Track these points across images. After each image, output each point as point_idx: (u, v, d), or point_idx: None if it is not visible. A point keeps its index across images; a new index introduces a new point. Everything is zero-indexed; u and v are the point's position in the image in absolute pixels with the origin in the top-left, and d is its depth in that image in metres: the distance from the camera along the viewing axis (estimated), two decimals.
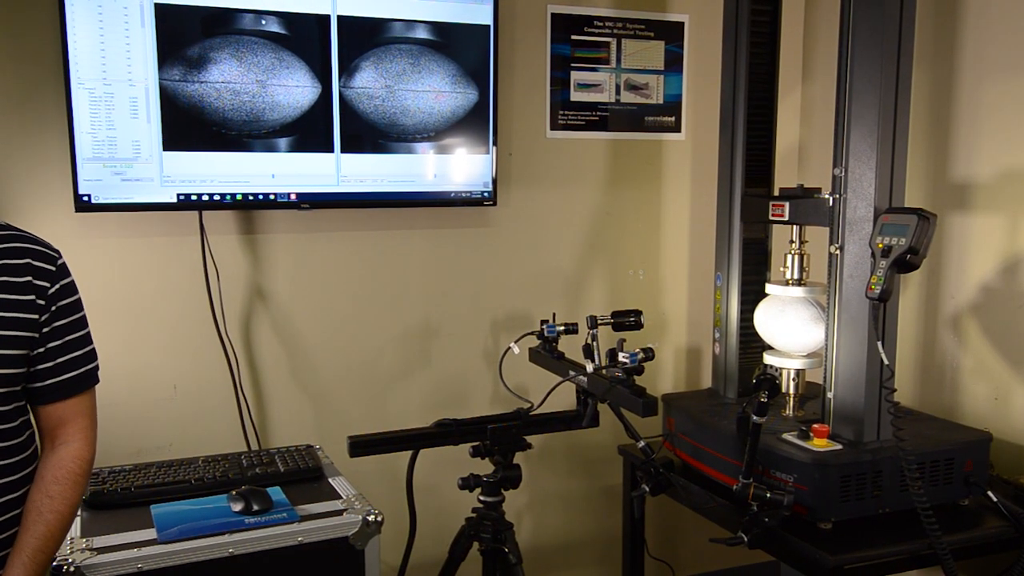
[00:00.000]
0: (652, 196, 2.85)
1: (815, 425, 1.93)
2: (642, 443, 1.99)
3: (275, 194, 2.29)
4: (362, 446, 1.97)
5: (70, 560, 1.57)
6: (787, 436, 1.94)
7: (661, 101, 2.80)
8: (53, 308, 1.43)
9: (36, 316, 1.40)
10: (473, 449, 2.04)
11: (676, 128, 2.84)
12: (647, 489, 2.00)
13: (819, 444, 1.89)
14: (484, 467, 2.06)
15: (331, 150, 2.33)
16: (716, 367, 2.39)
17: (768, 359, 2.17)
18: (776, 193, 2.26)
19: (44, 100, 2.13)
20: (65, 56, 2.05)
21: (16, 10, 2.10)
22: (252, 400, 2.42)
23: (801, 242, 2.13)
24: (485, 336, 2.69)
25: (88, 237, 2.19)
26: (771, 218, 2.16)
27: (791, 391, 2.16)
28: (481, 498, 2.06)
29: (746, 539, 1.82)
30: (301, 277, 2.46)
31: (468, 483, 2.02)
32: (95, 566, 1.59)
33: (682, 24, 2.80)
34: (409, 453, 2.06)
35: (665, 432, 2.33)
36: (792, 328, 2.10)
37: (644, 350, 1.92)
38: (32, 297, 1.40)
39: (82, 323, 1.49)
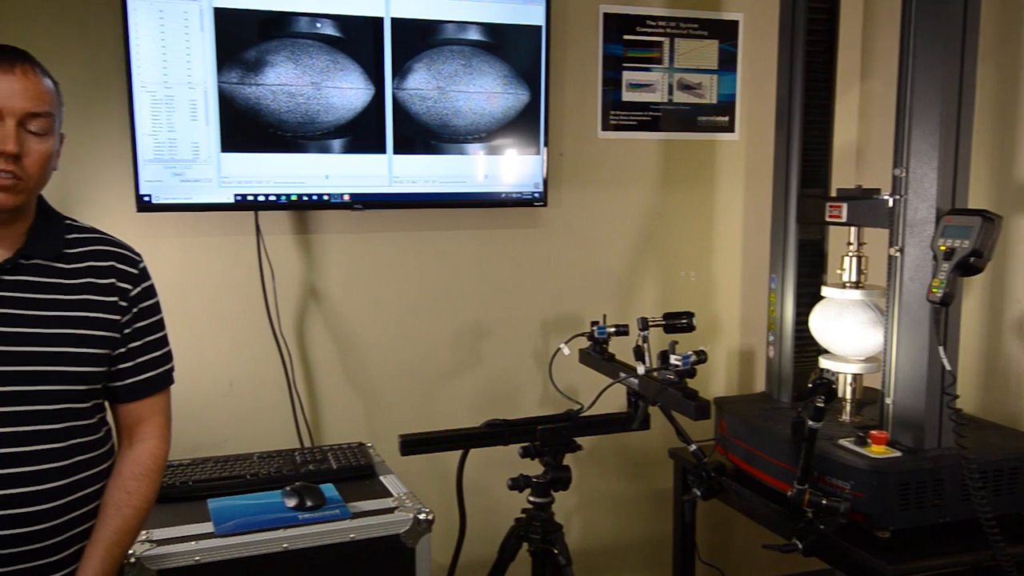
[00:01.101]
0: (705, 197, 2.82)
1: (873, 431, 1.89)
2: (693, 447, 1.97)
3: (328, 195, 2.32)
4: (413, 445, 1.99)
5: (131, 551, 1.61)
6: (844, 442, 1.90)
7: (714, 101, 2.77)
8: (134, 310, 1.47)
9: (118, 317, 1.44)
10: (523, 450, 2.04)
11: (730, 128, 2.80)
12: (698, 493, 1.98)
13: (877, 451, 1.85)
14: (534, 468, 2.06)
15: (383, 151, 2.35)
16: (770, 371, 2.35)
17: (824, 363, 2.13)
18: (833, 194, 2.22)
19: (108, 103, 2.19)
20: (128, 61, 2.11)
21: (82, 18, 2.16)
22: (305, 398, 2.46)
23: (859, 244, 2.09)
24: (535, 337, 2.69)
25: (148, 237, 2.24)
26: (828, 219, 2.12)
27: (848, 396, 2.12)
28: (531, 499, 2.06)
29: (801, 546, 1.79)
30: (353, 277, 2.48)
31: (518, 484, 2.02)
32: (155, 557, 1.63)
33: (736, 23, 2.76)
34: (459, 453, 2.06)
35: (717, 436, 2.30)
36: (850, 332, 2.06)
37: (696, 352, 1.90)
38: (115, 299, 1.44)
39: (160, 325, 1.53)
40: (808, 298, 2.24)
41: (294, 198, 2.29)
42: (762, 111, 2.76)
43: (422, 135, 2.38)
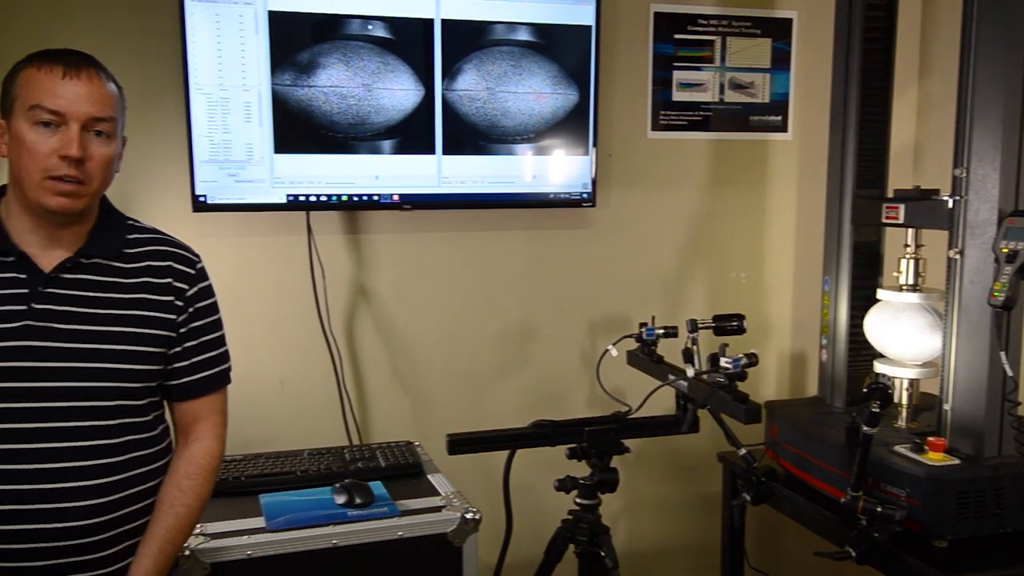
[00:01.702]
0: (756, 197, 2.78)
1: (930, 438, 1.84)
2: (743, 451, 1.94)
3: (378, 195, 2.34)
4: (461, 444, 1.99)
5: (186, 544, 1.64)
6: (899, 448, 1.86)
7: (767, 100, 2.73)
8: (191, 310, 1.49)
9: (175, 317, 1.47)
10: (570, 451, 2.03)
11: (783, 128, 2.76)
12: (748, 498, 1.95)
13: (934, 458, 1.80)
14: (580, 469, 2.05)
15: (433, 152, 2.37)
16: (823, 375, 2.31)
17: (879, 367, 2.08)
18: (890, 195, 2.17)
19: (165, 106, 2.24)
20: (185, 64, 2.15)
21: (140, 23, 2.22)
22: (354, 396, 2.48)
23: (917, 246, 2.04)
24: (582, 338, 2.68)
25: (204, 236, 2.28)
26: (884, 221, 2.08)
27: (904, 401, 2.07)
28: (577, 500, 2.05)
29: (854, 554, 1.75)
30: (402, 277, 2.50)
31: (565, 485, 2.02)
32: (209, 551, 1.66)
33: (790, 20, 2.72)
34: (506, 453, 2.07)
35: (767, 440, 2.27)
36: (906, 336, 2.01)
37: (747, 355, 1.87)
38: (171, 298, 1.47)
39: (217, 325, 1.55)
40: (863, 301, 2.20)
41: (344, 198, 2.32)
42: (816, 110, 2.71)
43: (471, 136, 2.39)
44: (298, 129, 2.25)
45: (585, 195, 2.51)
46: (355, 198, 2.32)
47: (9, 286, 1.35)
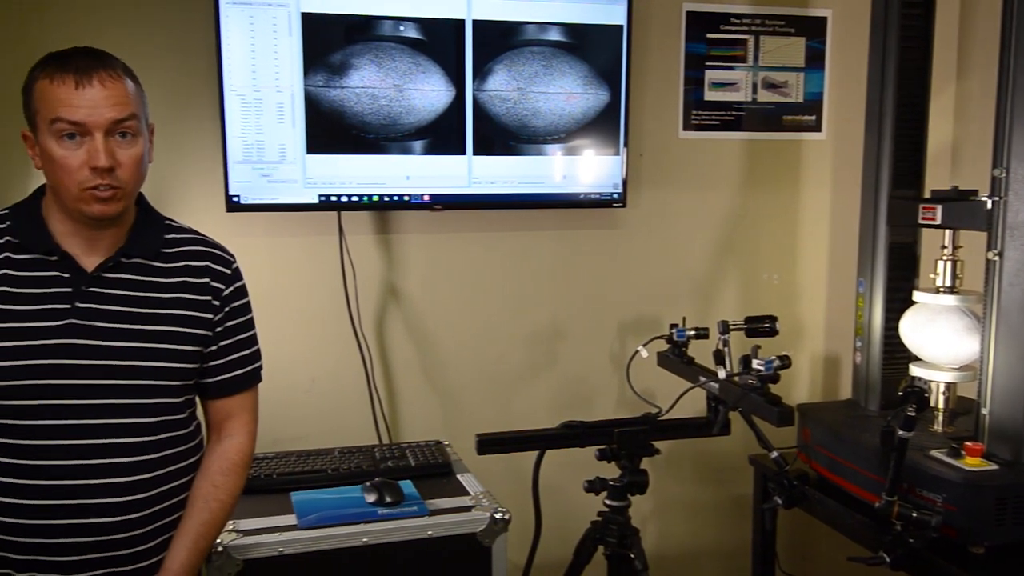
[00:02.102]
0: (789, 198, 2.75)
1: (968, 443, 1.81)
2: (775, 453, 1.92)
3: (409, 195, 2.35)
4: (490, 444, 2.00)
5: (219, 540, 1.66)
6: (936, 453, 1.83)
7: (801, 99, 2.70)
8: (226, 309, 1.51)
9: (211, 316, 1.49)
10: (600, 452, 2.03)
11: (816, 127, 2.73)
12: (780, 501, 1.93)
13: (972, 463, 1.77)
14: (610, 471, 2.04)
15: (463, 152, 2.37)
16: (857, 377, 2.28)
17: (915, 371, 2.05)
18: (927, 195, 2.14)
19: (200, 107, 2.26)
20: (219, 65, 2.18)
21: (175, 26, 2.24)
22: (384, 395, 2.49)
23: (954, 247, 2.00)
24: (612, 339, 2.67)
25: (237, 236, 2.30)
26: (921, 222, 2.04)
27: (940, 405, 2.03)
28: (607, 502, 2.05)
29: (888, 559, 1.72)
30: (432, 277, 2.51)
31: (594, 486, 2.01)
32: (241, 547, 1.68)
33: (825, 19, 2.69)
34: (535, 453, 2.06)
35: (800, 443, 2.24)
36: (943, 338, 1.98)
37: (780, 357, 1.85)
38: (208, 298, 1.49)
39: (250, 324, 1.57)
40: (899, 303, 2.17)
41: (376, 199, 2.33)
42: (851, 110, 2.68)
43: (501, 136, 2.39)
44: (330, 130, 2.26)
45: (616, 195, 2.50)
46: (386, 198, 2.34)
47: (53, 285, 1.38)
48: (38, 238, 1.38)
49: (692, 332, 2.18)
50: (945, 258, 2.01)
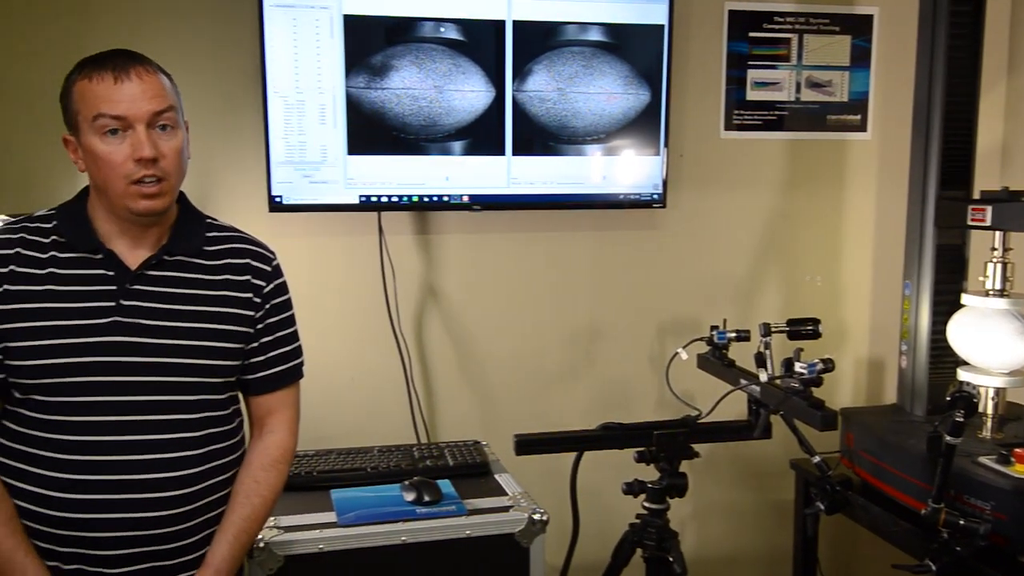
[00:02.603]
0: (833, 198, 2.71)
1: (1017, 449, 1.76)
2: (817, 458, 1.89)
3: (448, 196, 2.36)
4: (528, 445, 1.99)
5: (260, 536, 1.68)
6: (984, 460, 1.79)
7: (845, 99, 2.66)
8: (267, 306, 1.52)
9: (252, 313, 1.50)
10: (638, 454, 2.01)
11: (862, 127, 2.68)
12: (822, 507, 1.90)
13: (1022, 470, 1.72)
14: (648, 473, 2.03)
15: (503, 153, 2.37)
16: (903, 382, 2.24)
17: (963, 375, 2.01)
18: (976, 196, 2.09)
19: (243, 109, 2.30)
20: (263, 67, 2.20)
21: (220, 29, 2.28)
22: (422, 394, 2.51)
23: (1005, 249, 1.96)
24: (651, 340, 2.65)
25: (279, 236, 2.32)
26: (970, 223, 2.00)
27: (989, 411, 1.99)
28: (645, 504, 2.03)
29: (934, 568, 1.69)
30: (471, 277, 2.52)
31: (633, 488, 2.00)
32: (282, 544, 1.70)
33: (871, 17, 2.64)
34: (573, 454, 2.06)
35: (843, 448, 2.21)
36: (993, 342, 1.93)
37: (823, 361, 1.82)
38: (250, 295, 1.50)
39: (291, 321, 1.58)
40: (946, 306, 2.12)
41: (415, 199, 2.34)
42: (898, 109, 2.63)
43: (541, 136, 2.39)
44: (371, 131, 2.28)
45: (656, 196, 2.49)
46: (425, 199, 2.35)
47: (98, 283, 1.40)
48: (83, 237, 1.41)
49: (733, 334, 2.15)
50: (995, 260, 1.97)
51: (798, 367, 1.85)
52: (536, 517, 1.83)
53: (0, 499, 1.36)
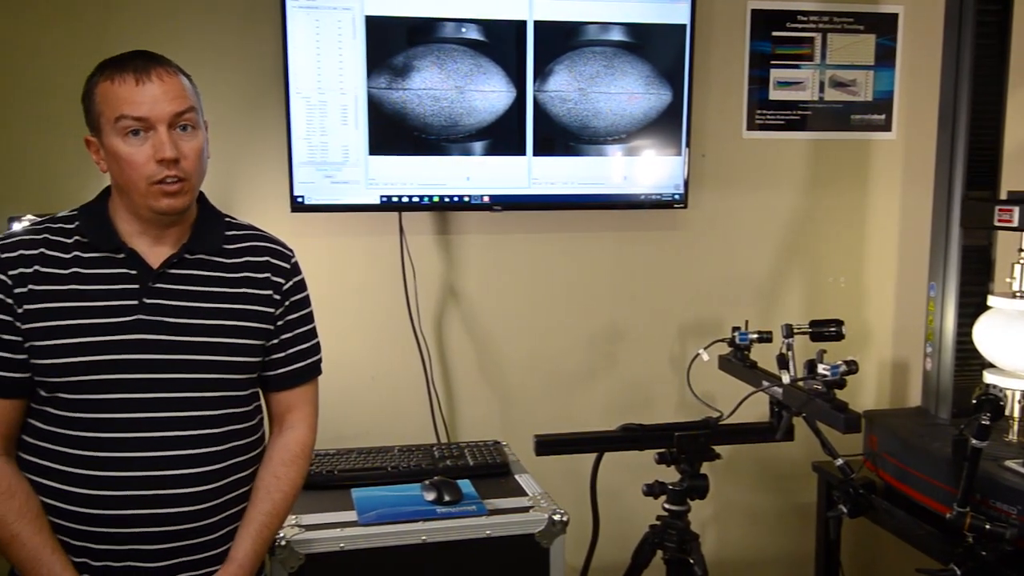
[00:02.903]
0: (857, 199, 2.68)
1: None
2: (840, 461, 1.88)
3: (469, 196, 2.36)
4: (548, 445, 1.99)
5: (282, 535, 1.69)
6: (1011, 463, 1.77)
7: (870, 98, 2.63)
8: (287, 303, 1.54)
9: (272, 310, 1.51)
10: (659, 456, 2.01)
11: (886, 127, 2.66)
12: (845, 510, 1.89)
13: None
14: (668, 474, 2.02)
15: (523, 153, 2.37)
16: (927, 384, 2.21)
17: (990, 378, 1.98)
18: (1003, 196, 2.06)
19: (266, 109, 2.31)
20: (285, 68, 2.22)
21: (244, 31, 2.29)
22: (442, 394, 2.51)
23: None
24: (672, 341, 2.64)
25: (300, 236, 2.34)
26: (997, 224, 1.97)
27: (1016, 414, 1.96)
28: (666, 506, 2.02)
29: (959, 572, 1.67)
30: (491, 277, 2.52)
31: (653, 490, 1.99)
32: (303, 542, 1.71)
33: (896, 15, 2.62)
34: (593, 455, 2.05)
35: (866, 451, 2.19)
36: (1020, 345, 1.91)
37: (847, 362, 1.81)
38: (269, 292, 1.51)
39: (310, 318, 1.59)
40: (972, 308, 2.10)
41: (436, 199, 2.35)
42: (923, 109, 2.60)
43: (562, 137, 2.39)
44: (392, 131, 2.29)
45: (677, 196, 2.48)
46: (446, 199, 2.35)
47: (121, 282, 1.42)
48: (105, 236, 1.43)
49: (755, 335, 2.14)
50: (1022, 261, 1.94)
51: (821, 369, 1.84)
52: (556, 518, 1.82)
53: (27, 497, 1.38)
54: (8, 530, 1.35)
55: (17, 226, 1.91)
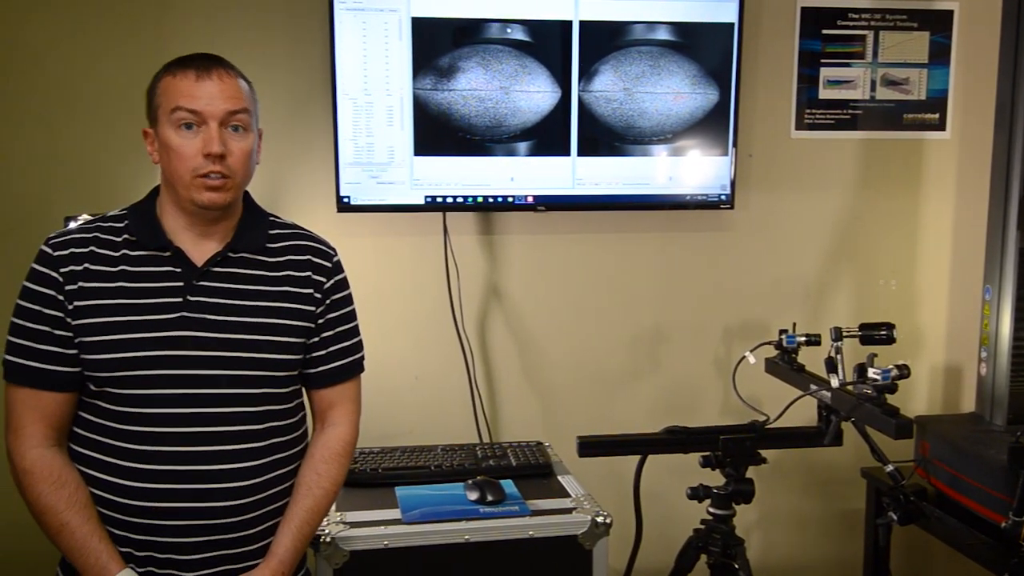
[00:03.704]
0: (909, 199, 2.63)
1: None
2: (890, 467, 1.84)
3: (513, 196, 2.36)
4: (591, 447, 1.98)
5: (327, 531, 1.71)
6: None
7: (923, 97, 2.58)
8: (328, 301, 1.56)
9: (313, 308, 1.54)
10: (703, 459, 1.99)
11: (940, 126, 2.60)
12: (895, 517, 1.85)
13: None
14: (713, 478, 2.00)
15: (568, 153, 2.37)
16: (982, 390, 2.16)
17: None
18: None
19: (314, 111, 2.34)
20: (333, 70, 2.24)
21: (292, 34, 2.32)
22: (485, 394, 2.52)
23: None
24: (717, 344, 2.61)
25: (345, 236, 2.37)
26: None
27: None
28: (711, 510, 2.00)
29: None
30: (535, 278, 2.52)
31: (697, 494, 1.97)
32: (348, 539, 1.73)
33: (951, 12, 2.56)
34: (636, 458, 2.04)
35: (917, 457, 2.14)
36: None
37: (898, 367, 1.77)
38: (311, 291, 1.54)
39: (352, 316, 1.61)
40: None
41: (480, 200, 2.35)
42: (979, 107, 2.54)
43: (606, 137, 2.38)
44: (437, 132, 2.30)
45: (723, 197, 2.45)
46: (490, 199, 2.36)
47: (166, 279, 1.45)
48: (152, 235, 1.46)
49: (803, 338, 2.11)
50: None
51: (871, 373, 1.80)
52: (599, 520, 1.82)
53: (76, 487, 1.41)
54: (58, 518, 1.39)
55: (73, 225, 1.96)
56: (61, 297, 1.41)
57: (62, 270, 1.42)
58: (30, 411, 1.42)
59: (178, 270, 1.45)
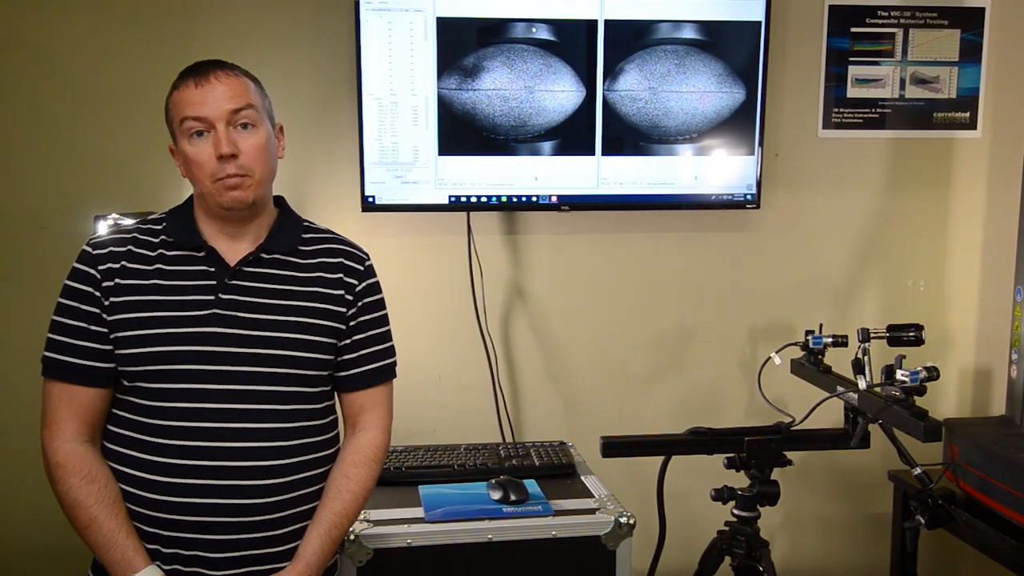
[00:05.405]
0: (938, 199, 2.59)
1: None
2: (918, 470, 1.82)
3: (537, 196, 2.36)
4: (615, 447, 1.98)
5: (351, 529, 1.72)
6: None
7: (954, 95, 2.54)
8: (359, 304, 1.56)
9: (344, 310, 1.54)
10: (728, 460, 1.98)
11: (971, 125, 2.56)
12: (922, 521, 1.83)
13: None
14: (737, 480, 1.99)
15: (592, 153, 2.36)
16: (1012, 392, 2.13)
17: None
18: None
19: (339, 111, 2.35)
20: (358, 71, 2.25)
21: (319, 35, 2.34)
22: (508, 394, 2.52)
23: None
24: (742, 344, 2.60)
25: (370, 235, 2.38)
26: None
27: None
28: (735, 512, 1.99)
29: None
30: (558, 277, 2.52)
31: (722, 495, 1.96)
32: (372, 537, 1.74)
33: (982, 10, 2.52)
34: (660, 458, 2.03)
35: (946, 460, 2.11)
36: None
37: (927, 368, 1.75)
38: (342, 292, 1.54)
39: (384, 321, 1.61)
40: None
41: (504, 199, 2.35)
42: (1011, 106, 2.50)
43: (631, 136, 2.37)
44: (461, 132, 2.31)
45: (749, 196, 2.43)
46: (514, 199, 2.36)
47: (199, 278, 1.47)
48: (188, 235, 1.50)
49: (829, 339, 2.09)
50: None
51: (900, 374, 1.78)
52: (623, 520, 1.81)
53: (106, 482, 1.43)
54: (87, 513, 1.40)
55: (103, 224, 1.99)
56: (98, 293, 1.44)
57: (100, 267, 1.45)
58: (64, 406, 1.44)
59: (211, 269, 1.48)
